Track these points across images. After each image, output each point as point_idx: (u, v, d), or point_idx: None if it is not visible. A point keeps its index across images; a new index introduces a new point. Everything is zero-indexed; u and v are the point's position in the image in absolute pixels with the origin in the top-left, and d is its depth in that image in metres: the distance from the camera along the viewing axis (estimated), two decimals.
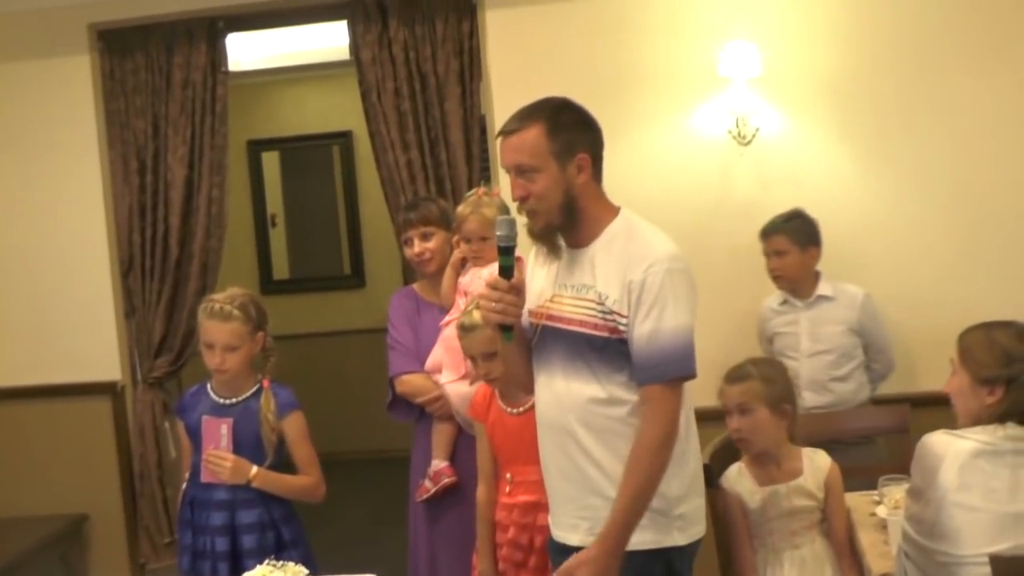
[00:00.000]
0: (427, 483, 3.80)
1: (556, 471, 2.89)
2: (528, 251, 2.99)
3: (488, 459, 3.52)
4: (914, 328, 4.39)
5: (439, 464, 3.79)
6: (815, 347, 4.19)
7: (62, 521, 5.09)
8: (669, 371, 2.72)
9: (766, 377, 3.40)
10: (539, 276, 2.91)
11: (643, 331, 2.71)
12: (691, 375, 2.77)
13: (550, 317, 2.84)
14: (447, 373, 3.74)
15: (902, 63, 4.46)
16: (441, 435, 3.81)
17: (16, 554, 4.74)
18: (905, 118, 4.46)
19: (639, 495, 2.72)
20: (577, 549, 2.85)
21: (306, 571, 2.84)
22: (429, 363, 3.82)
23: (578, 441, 2.81)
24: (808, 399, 4.06)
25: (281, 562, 2.84)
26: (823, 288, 4.25)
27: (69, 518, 5.12)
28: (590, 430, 2.79)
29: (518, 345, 2.93)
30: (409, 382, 3.86)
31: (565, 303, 2.82)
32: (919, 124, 4.46)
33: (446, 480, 3.75)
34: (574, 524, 2.87)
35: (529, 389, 3.07)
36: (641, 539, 2.78)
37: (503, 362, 3.21)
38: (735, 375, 3.44)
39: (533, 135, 2.76)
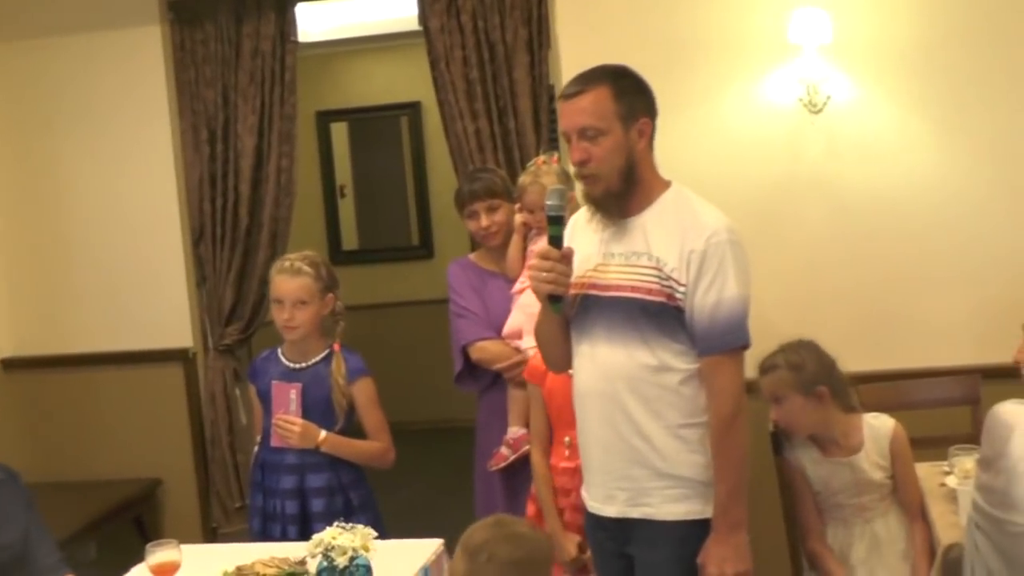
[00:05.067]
0: (504, 450, 3.79)
1: (595, 442, 2.88)
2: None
3: (543, 424, 3.53)
4: (987, 298, 4.32)
5: (518, 431, 3.77)
6: None
7: (136, 485, 5.17)
8: (731, 341, 2.74)
9: (793, 364, 3.39)
10: (580, 245, 2.87)
11: (706, 302, 2.71)
12: (748, 344, 2.79)
13: (594, 286, 2.83)
14: (528, 338, 3.74)
15: (977, 31, 4.35)
16: (518, 402, 3.79)
17: (92, 517, 4.84)
18: (980, 87, 4.34)
19: (735, 468, 2.75)
20: (614, 520, 2.88)
21: (375, 533, 2.87)
22: (507, 329, 3.81)
23: (625, 410, 2.80)
24: None
25: (350, 524, 2.87)
26: None
27: (143, 482, 5.20)
28: (639, 398, 2.78)
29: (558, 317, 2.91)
30: (486, 348, 3.86)
31: (614, 270, 2.81)
32: (994, 93, 4.34)
33: (527, 447, 3.71)
34: (611, 495, 2.87)
35: (562, 364, 3.07)
36: (685, 509, 2.81)
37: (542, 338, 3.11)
38: (764, 366, 3.46)
39: (599, 96, 2.74)
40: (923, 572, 3.34)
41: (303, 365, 3.69)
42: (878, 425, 3.46)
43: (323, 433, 3.60)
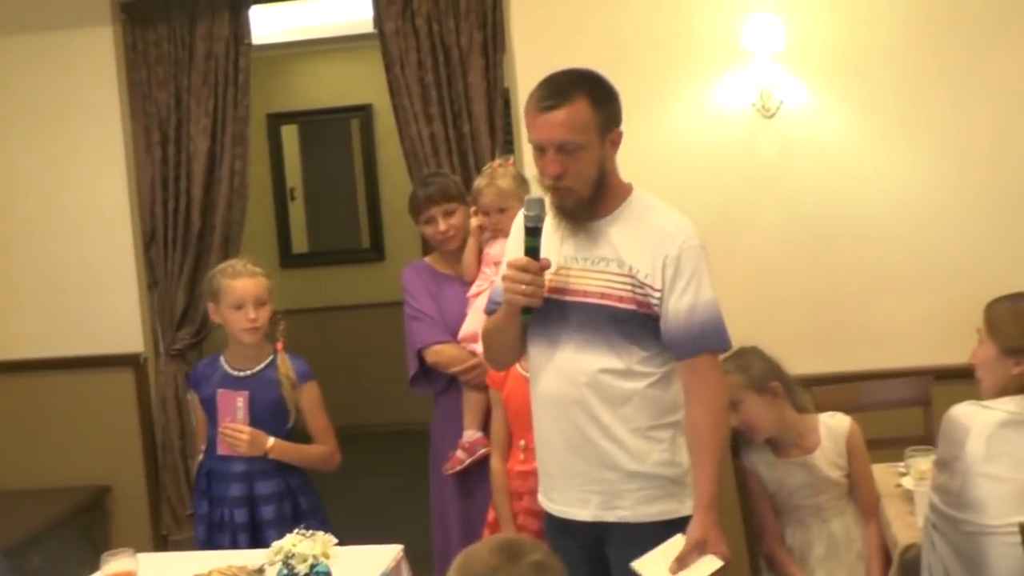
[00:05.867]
0: (460, 454, 3.79)
1: (563, 446, 2.85)
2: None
3: (503, 430, 3.53)
4: (938, 301, 4.39)
5: (474, 434, 3.77)
6: None
7: (84, 493, 5.10)
8: (713, 342, 2.75)
9: (740, 366, 3.42)
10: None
11: (682, 305, 2.72)
12: (729, 347, 2.82)
13: (558, 290, 2.80)
14: None
15: (926, 36, 4.42)
16: (473, 405, 3.79)
17: (39, 525, 4.76)
18: (931, 90, 4.42)
19: (720, 456, 2.75)
20: (587, 525, 2.86)
21: (335, 540, 2.85)
22: (463, 333, 3.80)
23: (593, 415, 2.79)
24: None
25: (310, 531, 2.86)
26: None
27: (91, 490, 5.13)
28: (606, 402, 2.77)
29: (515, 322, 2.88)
30: (442, 352, 3.84)
31: (581, 276, 2.80)
32: (945, 97, 4.41)
33: (483, 450, 3.72)
34: (584, 499, 2.85)
35: (510, 363, 3.11)
36: (659, 510, 2.80)
37: (500, 343, 3.04)
38: None
39: (579, 110, 2.69)
40: (876, 571, 3.38)
41: (248, 373, 3.67)
42: (834, 424, 3.50)
43: (271, 440, 3.58)
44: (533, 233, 2.75)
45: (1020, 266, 4.26)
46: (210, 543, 3.62)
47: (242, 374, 3.67)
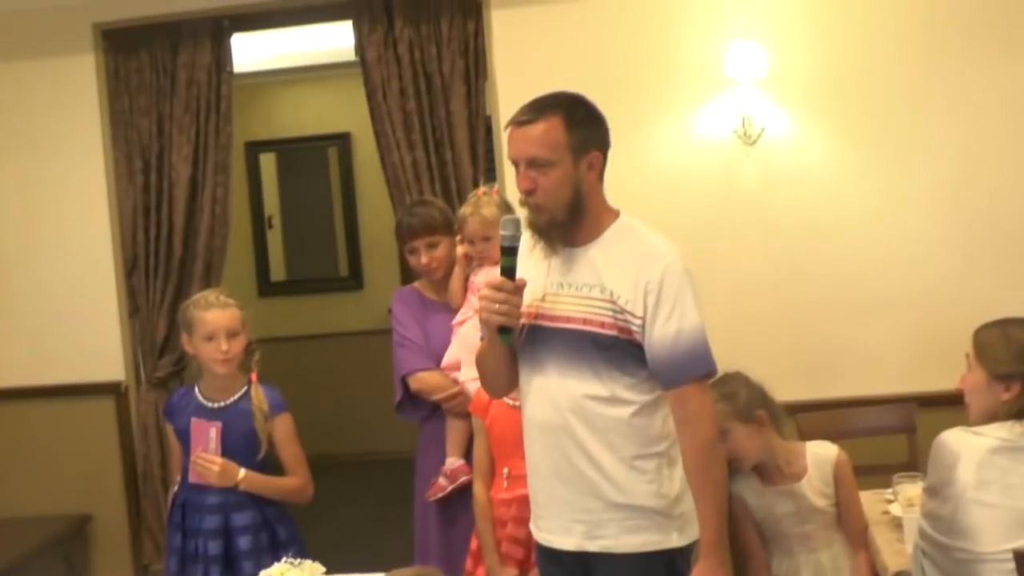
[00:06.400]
0: (442, 481, 3.77)
1: (550, 473, 2.83)
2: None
3: (486, 457, 3.51)
4: (921, 327, 4.42)
5: (456, 462, 3.76)
6: None
7: (65, 522, 5.07)
8: (700, 369, 2.72)
9: (726, 395, 3.38)
10: (525, 273, 2.81)
11: (667, 332, 2.69)
12: (715, 372, 2.78)
13: (541, 316, 2.79)
14: (466, 370, 3.72)
15: (907, 63, 4.48)
16: (456, 433, 3.78)
17: (20, 555, 4.72)
18: (911, 118, 4.47)
19: (721, 492, 2.74)
20: (572, 555, 2.83)
21: (323, 569, 2.84)
22: (446, 361, 3.80)
23: (578, 442, 2.76)
24: None
25: (298, 560, 2.84)
26: None
27: (72, 519, 5.10)
28: (592, 430, 2.75)
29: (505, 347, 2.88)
30: (424, 379, 3.83)
31: (564, 301, 2.78)
32: (925, 123, 4.47)
33: (464, 478, 3.71)
34: (568, 528, 2.82)
35: (505, 390, 3.07)
36: (642, 541, 2.77)
37: (490, 367, 3.04)
38: None
39: (551, 127, 2.69)
40: None
41: (222, 404, 3.65)
42: (822, 452, 3.49)
43: (243, 471, 3.55)
44: (508, 252, 2.75)
45: (1003, 292, 4.30)
46: (182, 575, 3.60)
47: (216, 405, 3.64)
